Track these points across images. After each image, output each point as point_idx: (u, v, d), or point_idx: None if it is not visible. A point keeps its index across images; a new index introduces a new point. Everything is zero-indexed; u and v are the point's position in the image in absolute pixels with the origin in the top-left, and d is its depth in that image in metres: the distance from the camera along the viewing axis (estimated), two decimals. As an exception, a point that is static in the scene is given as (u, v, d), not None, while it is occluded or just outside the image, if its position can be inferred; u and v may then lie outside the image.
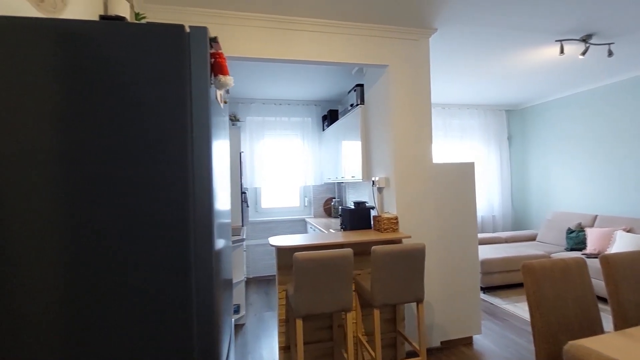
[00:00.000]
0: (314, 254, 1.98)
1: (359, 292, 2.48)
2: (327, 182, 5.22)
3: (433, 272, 2.80)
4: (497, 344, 2.85)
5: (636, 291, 1.77)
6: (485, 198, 5.75)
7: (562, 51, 3.04)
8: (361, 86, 3.46)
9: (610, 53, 3.11)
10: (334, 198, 5.29)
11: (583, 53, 3.07)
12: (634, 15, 2.61)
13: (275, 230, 5.12)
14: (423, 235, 2.78)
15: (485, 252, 4.33)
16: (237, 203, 3.68)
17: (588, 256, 4.01)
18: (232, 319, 1.58)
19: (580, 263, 1.79)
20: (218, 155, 1.15)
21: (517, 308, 3.57)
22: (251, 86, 4.31)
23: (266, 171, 5.00)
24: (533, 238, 5.18)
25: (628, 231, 3.91)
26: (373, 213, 3.06)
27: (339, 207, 4.89)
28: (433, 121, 5.49)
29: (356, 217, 2.93)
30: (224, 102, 1.33)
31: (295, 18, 2.50)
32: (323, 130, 5.11)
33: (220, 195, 1.17)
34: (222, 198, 1.25)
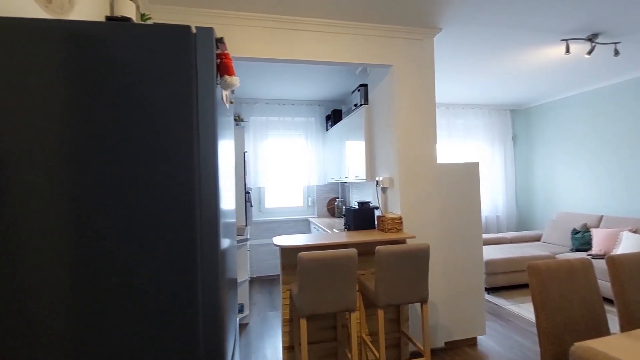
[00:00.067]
0: (319, 254, 1.99)
1: (363, 292, 2.48)
2: (331, 182, 5.22)
3: (437, 273, 2.80)
4: (502, 345, 2.84)
5: (643, 292, 1.75)
6: (489, 198, 5.72)
7: (568, 50, 3.02)
8: (365, 86, 3.45)
9: (616, 52, 3.08)
10: (338, 198, 5.29)
11: (589, 52, 3.05)
12: (641, 14, 2.59)
13: (278, 230, 5.13)
14: (427, 235, 2.77)
15: (489, 253, 4.31)
16: (241, 203, 3.69)
17: (594, 257, 3.98)
18: (237, 318, 1.58)
19: (586, 264, 1.78)
20: (223, 155, 1.15)
21: (522, 309, 3.55)
22: (255, 86, 4.32)
23: (270, 171, 5.01)
24: (538, 238, 5.16)
25: (634, 232, 3.87)
26: (377, 213, 3.06)
27: (343, 207, 4.89)
28: (437, 121, 5.47)
29: (360, 217, 2.93)
30: (230, 103, 1.33)
31: (298, 18, 2.50)
32: (327, 130, 5.11)
33: (225, 195, 1.17)
34: (228, 198, 1.26)
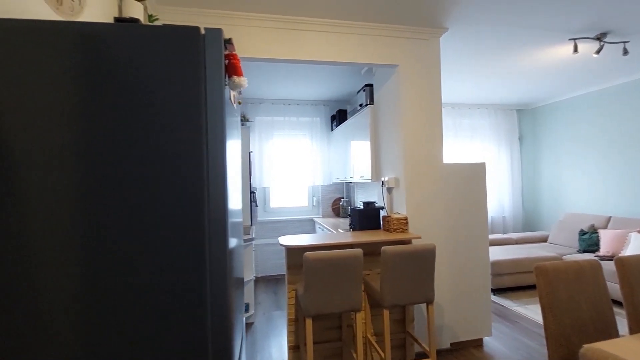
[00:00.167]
0: (324, 254, 1.99)
1: (368, 293, 2.47)
2: (336, 182, 5.22)
3: (443, 273, 2.78)
4: (508, 347, 2.82)
5: (652, 294, 1.73)
6: (495, 198, 5.69)
7: (576, 50, 2.99)
8: (370, 86, 3.45)
9: (625, 51, 3.05)
10: (343, 198, 5.29)
11: (597, 52, 3.02)
12: (651, 12, 2.56)
13: (283, 229, 5.14)
14: (433, 235, 2.76)
15: (495, 254, 4.28)
16: (246, 202, 3.70)
17: (601, 258, 3.94)
18: (244, 318, 1.59)
19: (594, 265, 1.76)
20: (231, 155, 1.16)
21: (528, 310, 3.53)
22: (260, 86, 4.33)
23: (275, 171, 5.02)
24: (544, 239, 5.11)
25: (643, 233, 3.83)
26: (382, 213, 3.05)
27: (348, 207, 4.89)
28: (443, 121, 5.44)
29: (365, 217, 2.93)
30: (238, 103, 1.34)
31: (304, 18, 2.51)
32: (332, 130, 5.11)
33: (233, 195, 1.18)
34: (235, 198, 1.27)
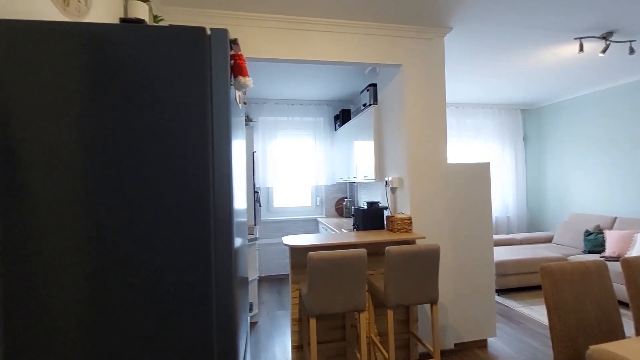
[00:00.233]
0: (328, 254, 1.99)
1: (372, 293, 2.47)
2: (339, 182, 5.22)
3: (447, 273, 2.78)
4: (513, 347, 2.81)
5: (659, 295, 1.72)
6: (499, 199, 5.66)
7: (582, 49, 2.97)
8: (374, 86, 3.44)
9: (631, 50, 3.02)
10: (346, 198, 5.29)
11: (603, 51, 2.99)
12: (658, 11, 2.53)
13: (287, 229, 5.14)
14: (437, 236, 2.75)
15: (499, 254, 4.26)
16: (250, 202, 3.71)
17: (607, 259, 3.91)
18: (248, 317, 1.60)
19: (600, 266, 1.75)
20: (236, 155, 1.16)
21: (533, 311, 3.51)
22: (264, 86, 4.34)
23: (278, 171, 5.03)
24: (549, 240, 5.08)
25: (649, 234, 3.79)
26: (386, 213, 3.05)
27: (352, 207, 4.89)
28: (447, 121, 5.43)
29: (369, 217, 2.93)
30: (244, 103, 1.34)
31: (309, 18, 2.51)
32: (335, 130, 5.11)
33: (238, 194, 1.18)
34: (240, 197, 1.27)
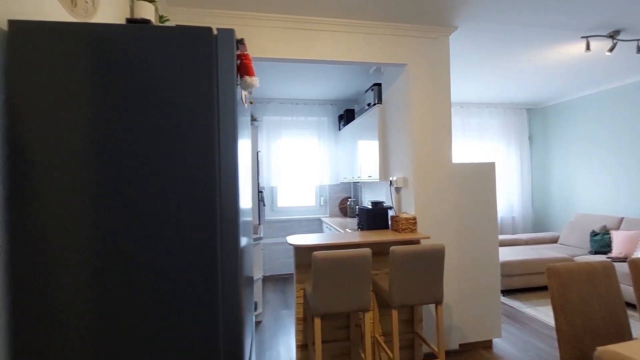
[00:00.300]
0: (333, 254, 1.99)
1: (377, 292, 2.47)
2: (343, 182, 5.22)
3: (452, 273, 2.77)
4: (518, 348, 2.79)
5: (668, 297, 1.70)
6: (504, 199, 5.63)
7: (588, 48, 2.95)
8: (379, 85, 3.44)
9: (639, 49, 2.99)
10: (350, 198, 5.28)
11: (610, 49, 2.97)
12: (666, 9, 2.51)
13: (291, 229, 5.15)
14: (442, 236, 2.74)
15: (504, 254, 4.24)
16: (254, 202, 3.72)
17: (614, 260, 3.87)
18: (254, 316, 1.60)
19: (607, 266, 1.73)
20: (242, 154, 1.17)
21: (539, 312, 3.48)
22: (268, 86, 4.35)
23: (282, 170, 5.04)
24: (555, 240, 5.05)
25: (657, 234, 3.76)
26: (390, 213, 3.04)
27: (356, 207, 4.89)
28: (451, 120, 5.41)
29: (374, 217, 2.92)
30: (250, 103, 1.35)
31: (313, 18, 2.51)
32: (339, 129, 5.11)
33: (243, 194, 1.19)
34: (245, 197, 1.27)
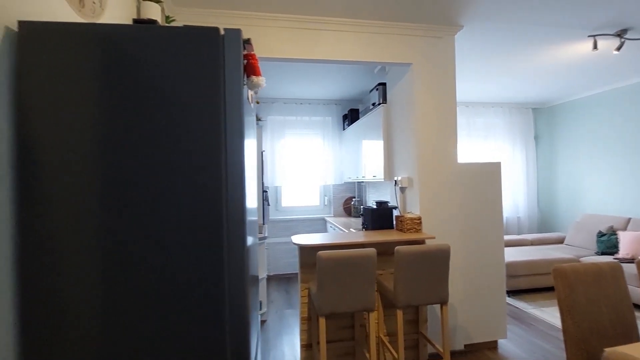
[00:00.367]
0: (338, 253, 1.99)
1: (381, 292, 2.47)
2: (347, 182, 5.21)
3: (457, 274, 2.75)
4: (523, 349, 2.77)
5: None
6: (510, 199, 5.59)
7: (596, 47, 2.92)
8: (383, 85, 3.43)
9: (647, 48, 2.96)
10: (354, 197, 5.28)
11: (618, 48, 2.94)
12: (675, 7, 2.47)
13: (295, 228, 5.16)
14: (447, 236, 2.73)
15: (510, 255, 4.21)
16: (259, 201, 3.72)
17: (621, 261, 3.84)
18: (259, 316, 1.61)
19: (614, 267, 1.72)
20: (248, 154, 1.17)
21: (544, 313, 3.46)
22: (273, 86, 4.35)
23: (287, 170, 5.04)
24: (560, 241, 5.01)
25: (665, 235, 3.71)
26: (395, 213, 3.04)
27: (360, 207, 4.88)
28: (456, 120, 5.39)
29: (378, 217, 2.92)
30: (257, 102, 1.35)
31: (318, 18, 2.51)
32: (343, 129, 5.10)
33: (249, 193, 1.19)
34: (251, 196, 1.28)
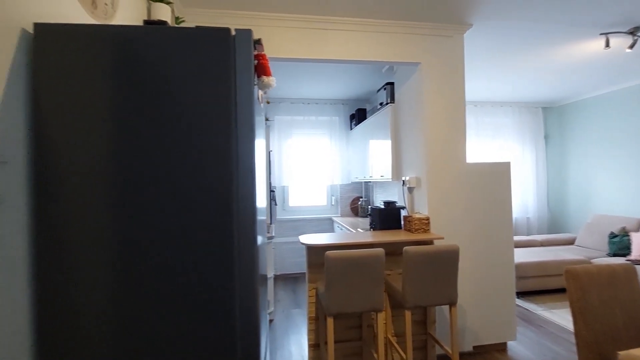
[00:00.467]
0: (346, 253, 1.99)
1: (389, 293, 2.46)
2: (354, 182, 5.20)
3: (466, 275, 2.73)
4: (533, 351, 2.74)
5: (693, 301, 1.65)
6: (519, 199, 5.53)
7: (608, 44, 2.87)
8: (391, 84, 3.41)
9: (662, 46, 2.91)
10: (361, 197, 5.27)
11: (631, 46, 2.88)
12: (691, 4, 2.42)
13: (302, 228, 5.16)
14: (455, 236, 2.71)
15: (519, 256, 4.17)
16: (267, 201, 3.74)
17: (634, 262, 3.77)
18: (268, 315, 1.61)
19: (628, 270, 1.69)
20: (257, 154, 1.17)
21: (555, 315, 3.41)
22: (280, 86, 4.35)
23: (294, 170, 5.05)
24: (571, 242, 4.94)
25: (679, 237, 3.64)
26: (403, 213, 3.02)
27: (367, 207, 4.87)
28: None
29: (386, 217, 2.90)
30: (267, 102, 1.35)
31: (326, 17, 2.51)
32: (351, 129, 5.09)
33: (259, 193, 1.20)
34: (260, 196, 1.28)
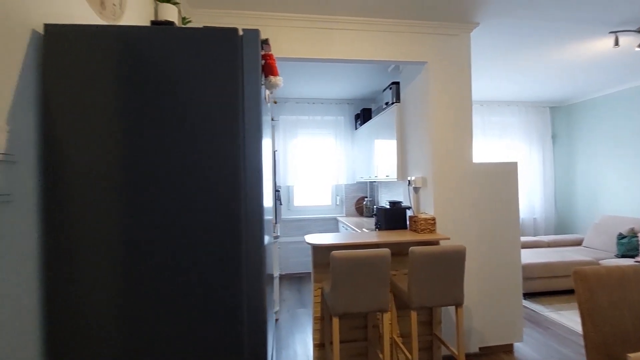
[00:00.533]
0: (352, 253, 1.98)
1: (395, 293, 2.45)
2: (359, 181, 5.20)
3: (472, 275, 2.71)
4: (540, 353, 2.72)
5: None
6: (526, 199, 5.48)
7: (617, 43, 2.84)
8: (397, 84, 3.40)
9: (673, 44, 2.86)
10: (366, 197, 5.26)
11: (641, 45, 2.85)
12: (703, 2, 2.38)
13: (307, 228, 5.16)
14: (461, 236, 2.70)
15: (526, 256, 4.13)
16: (272, 201, 3.74)
17: (642, 264, 3.72)
18: (274, 314, 1.61)
19: (638, 271, 1.66)
20: (264, 153, 1.17)
21: (562, 316, 3.38)
22: (285, 86, 4.35)
23: (299, 170, 5.05)
24: (578, 243, 4.88)
25: (690, 238, 3.58)
26: (409, 213, 3.01)
27: (372, 207, 4.86)
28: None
29: (392, 217, 2.89)
30: (274, 102, 1.36)
31: (332, 17, 2.50)
32: (356, 129, 5.08)
33: (266, 192, 1.20)
34: (267, 195, 1.28)
